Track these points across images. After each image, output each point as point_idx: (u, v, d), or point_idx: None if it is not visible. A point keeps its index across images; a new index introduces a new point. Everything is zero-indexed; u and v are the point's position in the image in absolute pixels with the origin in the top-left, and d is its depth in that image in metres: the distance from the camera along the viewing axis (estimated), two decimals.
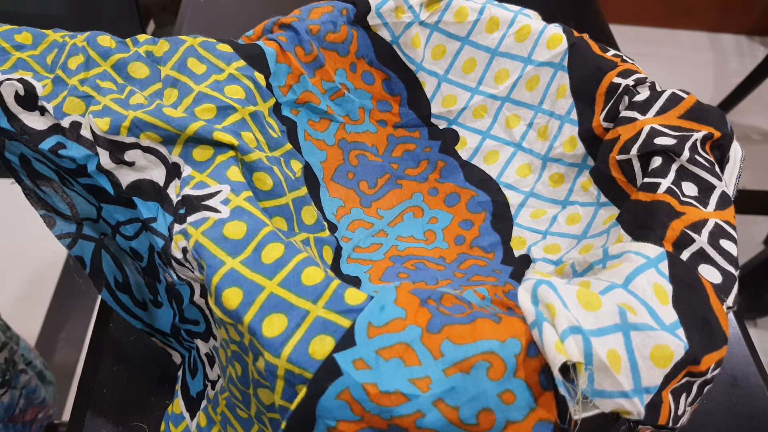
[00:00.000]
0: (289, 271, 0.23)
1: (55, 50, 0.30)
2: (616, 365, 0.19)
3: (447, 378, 0.20)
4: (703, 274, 0.23)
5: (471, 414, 0.20)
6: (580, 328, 0.20)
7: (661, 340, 0.20)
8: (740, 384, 0.36)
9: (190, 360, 0.33)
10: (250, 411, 0.26)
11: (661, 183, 0.26)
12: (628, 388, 0.20)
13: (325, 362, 0.21)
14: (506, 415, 0.20)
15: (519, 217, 0.37)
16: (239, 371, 0.25)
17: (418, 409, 0.20)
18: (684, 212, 0.25)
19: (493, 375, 0.20)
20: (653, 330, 0.20)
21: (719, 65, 1.47)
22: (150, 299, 0.32)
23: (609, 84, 0.32)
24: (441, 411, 0.20)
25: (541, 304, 0.21)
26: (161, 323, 0.33)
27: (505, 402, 0.20)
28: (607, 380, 0.19)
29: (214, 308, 0.23)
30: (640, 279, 0.22)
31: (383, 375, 0.20)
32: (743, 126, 1.30)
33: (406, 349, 0.21)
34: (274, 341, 0.21)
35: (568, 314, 0.20)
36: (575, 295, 0.21)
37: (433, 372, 0.20)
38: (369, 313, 0.21)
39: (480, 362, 0.20)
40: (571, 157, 0.35)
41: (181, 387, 0.33)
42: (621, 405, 0.19)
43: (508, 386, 0.20)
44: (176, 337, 0.33)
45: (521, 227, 0.36)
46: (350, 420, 0.20)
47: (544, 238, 0.35)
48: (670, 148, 0.27)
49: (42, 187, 0.32)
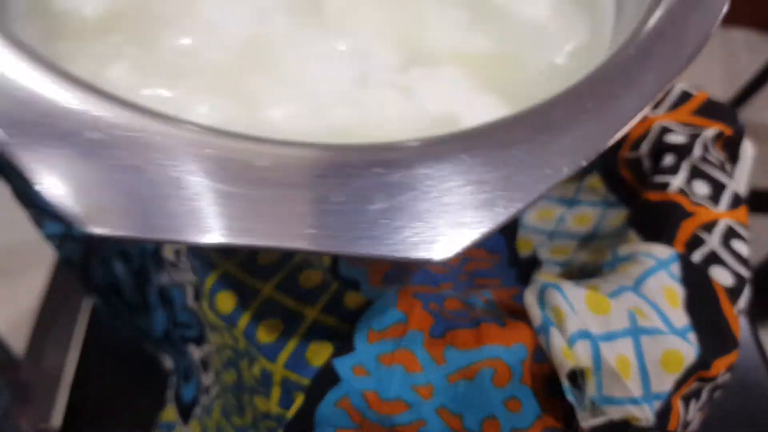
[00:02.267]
0: (286, 274, 0.22)
1: None
2: (625, 371, 0.19)
3: (450, 385, 0.20)
4: (714, 276, 0.23)
5: (475, 422, 0.19)
6: (588, 332, 0.19)
7: (672, 345, 0.20)
8: (750, 386, 0.36)
9: (182, 366, 0.33)
10: (246, 418, 0.26)
11: (672, 182, 0.26)
12: (638, 395, 0.19)
13: (323, 368, 0.20)
14: (511, 423, 0.19)
15: (524, 217, 0.36)
16: (234, 377, 0.24)
17: (420, 417, 0.19)
18: (695, 212, 0.24)
19: (498, 382, 0.19)
20: (663, 334, 0.20)
21: (729, 61, 1.45)
22: (140, 303, 0.32)
23: None
24: (444, 419, 0.19)
25: (548, 307, 0.20)
26: (152, 327, 0.32)
27: (511, 410, 0.19)
28: (616, 386, 0.19)
29: (207, 312, 0.23)
30: (651, 281, 0.21)
31: (383, 382, 0.20)
32: (754, 123, 1.28)
33: (408, 354, 0.20)
34: (270, 346, 0.21)
35: (576, 318, 0.20)
36: (584, 299, 0.20)
37: (435, 378, 0.20)
38: (369, 318, 0.21)
39: (484, 368, 0.20)
40: None
41: (174, 393, 0.33)
42: (630, 412, 0.19)
43: (513, 393, 0.19)
44: (168, 342, 0.33)
45: (527, 228, 0.36)
46: (349, 428, 0.20)
47: (551, 238, 0.34)
48: (681, 146, 0.27)
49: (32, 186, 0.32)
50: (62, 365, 0.91)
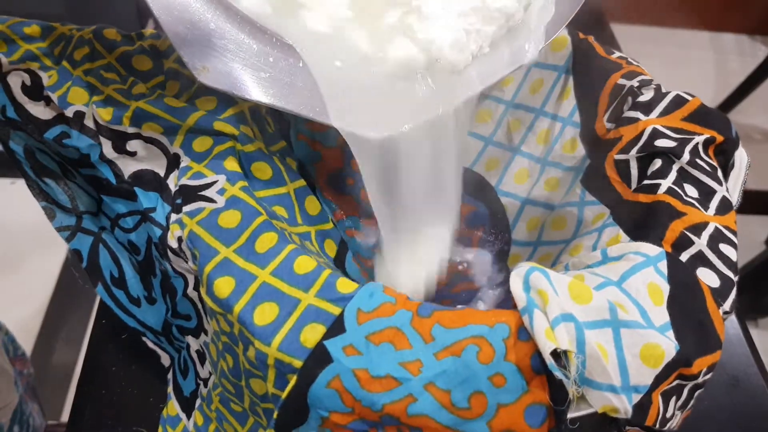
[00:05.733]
0: (282, 260, 0.23)
1: (62, 43, 0.30)
2: (605, 358, 0.19)
3: (438, 362, 0.20)
4: (701, 277, 0.23)
5: (463, 397, 0.20)
6: (572, 315, 0.20)
7: (652, 339, 0.20)
8: (741, 384, 0.36)
9: (180, 360, 0.33)
10: (244, 403, 0.26)
11: (662, 184, 0.26)
12: (617, 384, 0.19)
13: (315, 349, 0.21)
14: (497, 398, 0.20)
15: (515, 231, 0.37)
16: (230, 363, 0.25)
17: (410, 393, 0.20)
18: (686, 212, 0.25)
19: (483, 359, 0.20)
20: (644, 329, 0.20)
21: (720, 65, 1.46)
22: (144, 295, 0.32)
23: (614, 85, 0.32)
24: (433, 395, 0.20)
25: (533, 290, 0.21)
26: (153, 320, 0.33)
27: (496, 385, 0.20)
28: (597, 368, 0.19)
29: (205, 298, 0.23)
30: (635, 278, 0.22)
31: (373, 360, 0.20)
32: (744, 126, 1.30)
33: (397, 333, 0.21)
34: (265, 329, 0.21)
35: (560, 301, 0.20)
36: (567, 286, 0.21)
37: (424, 355, 0.20)
38: (359, 300, 0.21)
39: (470, 345, 0.20)
40: (570, 160, 0.35)
41: (173, 389, 0.33)
42: (609, 400, 0.19)
43: (498, 369, 0.20)
44: (167, 336, 0.33)
45: (518, 244, 0.36)
46: (342, 412, 0.20)
47: (535, 249, 0.35)
48: (671, 150, 0.27)
49: (44, 178, 0.32)
50: (74, 361, 0.91)
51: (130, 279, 0.32)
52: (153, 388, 0.34)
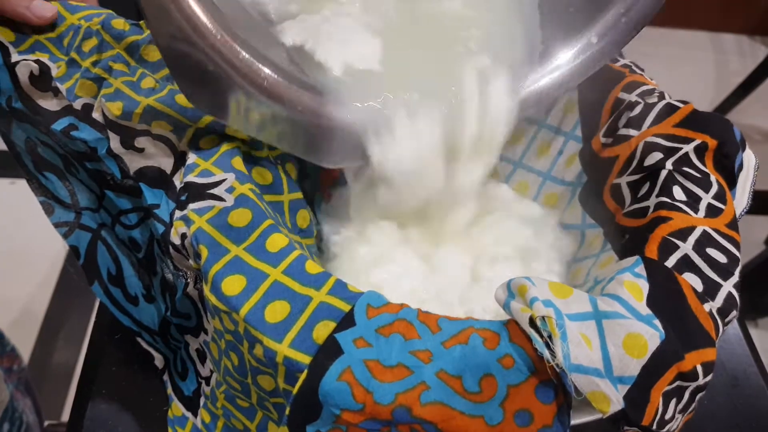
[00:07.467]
0: (293, 260, 0.23)
1: (71, 33, 0.30)
2: (588, 346, 0.20)
3: (447, 350, 0.20)
4: (687, 280, 0.23)
5: (474, 382, 0.20)
6: (550, 302, 0.20)
7: (634, 329, 0.20)
8: (741, 384, 0.36)
9: (176, 361, 0.33)
10: (251, 399, 0.26)
11: (649, 204, 0.26)
12: (602, 371, 0.19)
13: (325, 342, 0.21)
14: (507, 380, 0.20)
15: None
16: (235, 361, 0.25)
17: (422, 380, 0.20)
18: (671, 217, 0.24)
19: (489, 345, 0.20)
20: (626, 318, 0.20)
21: (720, 65, 1.46)
22: (143, 293, 0.32)
23: (614, 100, 0.32)
24: (444, 381, 0.20)
25: (513, 288, 0.22)
26: (150, 319, 0.33)
27: (506, 366, 0.20)
28: (582, 353, 0.19)
29: (209, 296, 0.23)
30: (614, 281, 0.22)
31: (384, 350, 0.20)
32: (744, 126, 1.30)
33: (406, 325, 0.21)
34: (276, 327, 0.21)
35: (539, 291, 0.20)
36: (546, 284, 0.21)
37: (432, 345, 0.21)
38: (368, 297, 0.22)
39: (474, 334, 0.21)
40: (569, 174, 0.35)
41: (173, 390, 0.33)
42: (597, 385, 0.19)
43: (506, 351, 0.20)
44: (163, 336, 0.33)
45: None
46: (353, 410, 0.20)
47: None
48: (659, 164, 0.27)
49: (45, 172, 0.32)
50: (74, 361, 0.91)
51: (129, 277, 0.32)
52: (153, 388, 0.34)
